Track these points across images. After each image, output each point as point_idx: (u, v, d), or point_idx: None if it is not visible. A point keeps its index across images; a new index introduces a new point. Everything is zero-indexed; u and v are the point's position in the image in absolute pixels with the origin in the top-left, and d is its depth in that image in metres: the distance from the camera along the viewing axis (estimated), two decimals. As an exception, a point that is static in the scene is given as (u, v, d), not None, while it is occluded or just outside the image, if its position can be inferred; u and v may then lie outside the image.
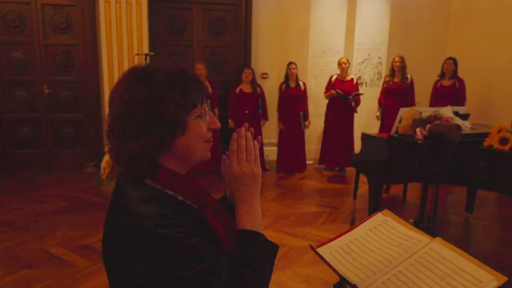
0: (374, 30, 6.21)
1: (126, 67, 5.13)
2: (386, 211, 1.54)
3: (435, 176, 3.14)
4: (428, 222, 3.76)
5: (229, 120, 5.53)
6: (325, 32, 6.06)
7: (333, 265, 1.33)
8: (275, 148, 6.16)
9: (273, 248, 0.98)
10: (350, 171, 5.78)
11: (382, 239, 1.38)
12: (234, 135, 1.00)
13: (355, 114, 5.72)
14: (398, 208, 4.47)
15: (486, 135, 2.94)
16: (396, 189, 4.99)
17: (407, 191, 4.69)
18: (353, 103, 5.54)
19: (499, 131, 2.84)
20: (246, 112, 5.50)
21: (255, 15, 5.87)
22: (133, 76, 0.91)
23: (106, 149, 5.32)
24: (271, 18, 5.95)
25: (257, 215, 0.99)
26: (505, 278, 1.11)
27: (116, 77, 5.12)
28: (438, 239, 1.29)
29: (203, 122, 0.96)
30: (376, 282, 1.20)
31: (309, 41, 6.02)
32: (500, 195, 4.88)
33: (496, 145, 2.82)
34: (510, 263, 3.11)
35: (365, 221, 1.51)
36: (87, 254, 3.23)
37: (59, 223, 3.83)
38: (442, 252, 1.22)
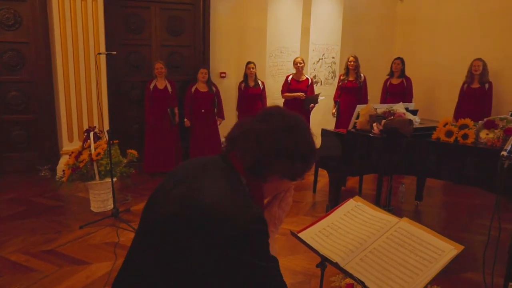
0: (328, 31, 6.49)
1: (82, 66, 4.97)
2: (357, 197, 1.69)
3: (390, 168, 3.39)
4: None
5: (185, 120, 5.53)
6: (282, 32, 6.24)
7: (314, 247, 1.46)
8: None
9: None
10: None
11: (356, 221, 1.53)
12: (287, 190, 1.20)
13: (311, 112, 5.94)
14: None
15: (434, 128, 3.23)
16: (352, 182, 5.27)
17: (363, 183, 4.97)
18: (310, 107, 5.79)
19: (445, 125, 3.14)
20: (203, 111, 5.54)
21: (213, 15, 5.92)
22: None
23: (63, 151, 5.14)
24: (229, 18, 6.02)
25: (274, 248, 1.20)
26: (462, 247, 1.30)
27: (72, 77, 4.96)
28: (405, 218, 1.47)
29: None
30: (355, 258, 1.34)
31: (266, 41, 6.16)
32: (444, 184, 5.34)
33: (443, 138, 3.11)
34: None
35: (338, 207, 1.66)
36: (52, 259, 3.13)
37: (16, 229, 3.66)
38: (409, 229, 1.39)
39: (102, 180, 3.93)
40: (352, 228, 1.49)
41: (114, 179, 3.93)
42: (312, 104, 5.67)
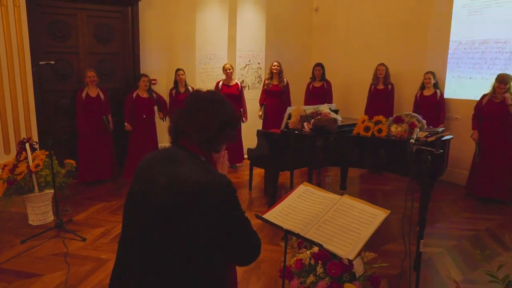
0: (253, 39, 6.92)
1: (5, 76, 4.72)
2: (305, 183, 2.07)
3: (320, 161, 3.88)
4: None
5: (126, 124, 5.55)
6: (210, 39, 6.52)
7: (278, 224, 1.79)
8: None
9: None
10: (240, 166, 6.37)
11: (308, 201, 1.89)
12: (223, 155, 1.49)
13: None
14: (287, 192, 5.19)
15: (354, 125, 3.78)
16: (283, 178, 5.73)
17: (293, 177, 5.47)
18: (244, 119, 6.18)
19: (363, 122, 3.70)
20: (144, 116, 5.62)
21: (142, 23, 5.98)
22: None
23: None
24: (158, 25, 6.13)
25: None
26: (389, 211, 1.73)
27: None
28: (346, 195, 1.87)
29: None
30: (312, 228, 1.70)
31: (196, 48, 6.39)
32: (361, 174, 6.08)
33: (362, 133, 3.67)
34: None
35: (291, 192, 2.02)
36: (-3, 275, 3.05)
37: None
38: (350, 203, 1.80)
39: (41, 192, 3.84)
40: (306, 206, 1.85)
41: (53, 191, 3.87)
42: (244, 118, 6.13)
